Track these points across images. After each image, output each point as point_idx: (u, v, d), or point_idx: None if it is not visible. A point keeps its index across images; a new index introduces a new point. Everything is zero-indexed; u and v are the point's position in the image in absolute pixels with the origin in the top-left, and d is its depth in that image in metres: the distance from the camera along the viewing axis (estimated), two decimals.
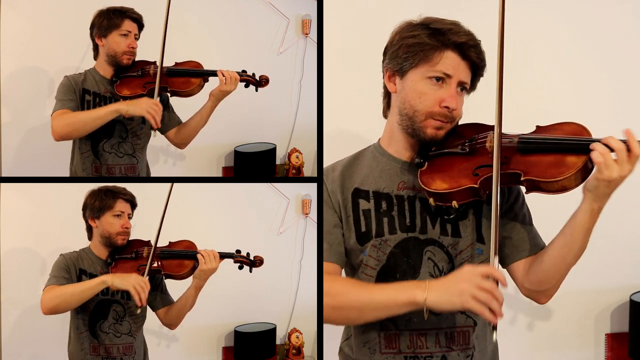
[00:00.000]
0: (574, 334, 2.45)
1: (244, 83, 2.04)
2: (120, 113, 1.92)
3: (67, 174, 2.08)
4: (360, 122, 2.10)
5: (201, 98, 2.04)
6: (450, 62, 1.43)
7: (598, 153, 1.29)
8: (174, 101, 2.12)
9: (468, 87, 1.48)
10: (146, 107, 1.90)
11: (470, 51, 1.44)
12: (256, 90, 2.07)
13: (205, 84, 2.05)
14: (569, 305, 2.43)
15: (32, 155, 2.31)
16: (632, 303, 2.36)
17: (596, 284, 2.44)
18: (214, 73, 2.01)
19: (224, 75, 1.97)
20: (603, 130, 1.40)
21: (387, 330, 1.48)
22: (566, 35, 2.37)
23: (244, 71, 2.04)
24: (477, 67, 1.47)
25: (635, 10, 2.41)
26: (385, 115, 1.58)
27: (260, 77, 2.06)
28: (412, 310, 1.36)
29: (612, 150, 1.29)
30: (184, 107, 2.13)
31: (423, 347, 1.47)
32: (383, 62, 1.53)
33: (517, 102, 2.06)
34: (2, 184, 2.18)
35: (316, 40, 2.36)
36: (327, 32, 1.92)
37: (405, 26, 1.49)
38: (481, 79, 1.51)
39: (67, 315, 1.90)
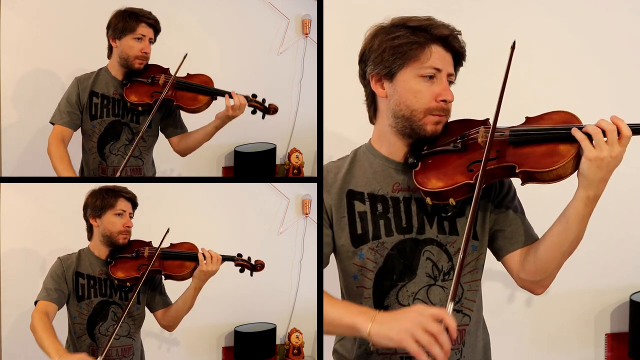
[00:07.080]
0: (574, 334, 2.45)
1: (252, 109, 2.03)
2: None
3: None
4: (360, 122, 2.08)
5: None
6: (438, 57, 1.44)
7: (582, 133, 1.30)
8: None
9: (454, 78, 1.49)
10: None
11: (454, 42, 1.45)
12: (263, 118, 2.05)
13: (214, 101, 2.03)
14: (569, 305, 2.43)
15: (32, 155, 2.31)
16: (632, 303, 2.36)
17: (596, 284, 2.44)
18: (223, 93, 1.98)
19: (232, 100, 1.94)
20: None
21: None
22: (566, 33, 2.37)
23: (254, 95, 2.03)
24: (459, 57, 1.48)
25: (635, 8, 2.41)
26: (372, 122, 1.57)
27: (269, 105, 2.05)
28: (356, 336, 1.33)
29: (603, 132, 1.29)
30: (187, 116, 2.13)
31: None
32: (365, 69, 1.51)
33: (516, 100, 2.05)
34: (2, 184, 2.18)
35: (316, 40, 2.36)
36: (327, 32, 1.91)
37: (381, 29, 1.48)
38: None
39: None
